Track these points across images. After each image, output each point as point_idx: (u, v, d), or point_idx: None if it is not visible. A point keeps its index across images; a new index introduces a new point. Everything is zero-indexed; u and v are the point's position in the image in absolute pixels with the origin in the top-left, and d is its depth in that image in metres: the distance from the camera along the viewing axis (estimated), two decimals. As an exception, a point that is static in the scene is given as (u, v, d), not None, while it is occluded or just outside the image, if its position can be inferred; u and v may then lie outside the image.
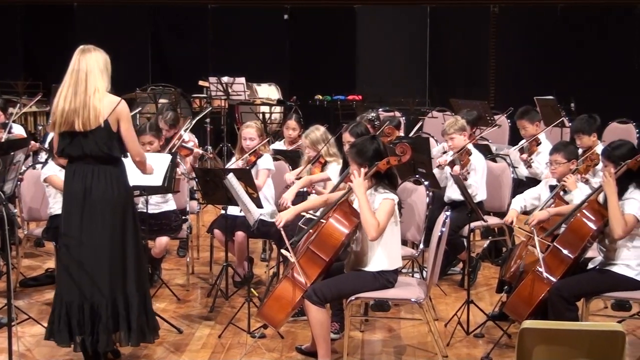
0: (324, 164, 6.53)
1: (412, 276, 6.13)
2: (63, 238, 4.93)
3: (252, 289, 5.89)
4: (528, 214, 5.58)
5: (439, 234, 5.04)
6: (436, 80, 13.39)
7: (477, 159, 6.85)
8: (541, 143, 7.55)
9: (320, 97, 12.63)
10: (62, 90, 4.82)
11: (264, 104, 12.06)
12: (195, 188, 7.26)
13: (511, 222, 5.59)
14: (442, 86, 13.17)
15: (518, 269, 5.36)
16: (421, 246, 5.94)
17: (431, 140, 8.01)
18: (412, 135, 8.68)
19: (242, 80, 11.45)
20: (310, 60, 13.38)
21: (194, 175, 6.59)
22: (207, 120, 11.24)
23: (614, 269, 5.09)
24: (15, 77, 11.76)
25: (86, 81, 4.77)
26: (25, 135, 8.05)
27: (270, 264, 6.95)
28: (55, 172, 6.24)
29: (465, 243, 6.46)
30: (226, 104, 11.74)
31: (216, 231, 6.55)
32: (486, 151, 7.63)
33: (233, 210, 6.06)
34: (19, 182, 6.63)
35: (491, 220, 6.90)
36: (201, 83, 12.32)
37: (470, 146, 6.88)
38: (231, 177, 5.46)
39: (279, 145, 7.87)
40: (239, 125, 10.87)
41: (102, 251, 4.84)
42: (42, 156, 7.83)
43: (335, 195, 5.26)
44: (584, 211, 5.10)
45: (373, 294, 5.10)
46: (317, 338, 5.01)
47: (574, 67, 12.62)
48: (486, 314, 5.81)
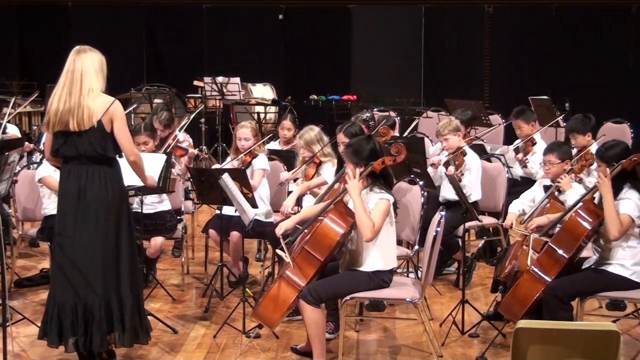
0: (319, 164, 6.53)
1: (407, 276, 6.14)
2: (57, 238, 4.92)
3: (247, 289, 5.88)
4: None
5: (434, 234, 5.04)
6: (431, 80, 13.39)
7: (472, 159, 6.85)
8: (536, 143, 7.56)
9: (315, 97, 12.61)
10: (57, 90, 4.82)
11: (259, 104, 12.04)
12: (190, 188, 7.26)
13: (510, 226, 5.60)
14: (437, 86, 13.17)
15: (513, 269, 5.36)
16: (416, 246, 5.94)
17: (426, 140, 8.01)
18: (407, 135, 8.68)
19: (237, 80, 11.43)
20: (305, 60, 13.37)
21: (189, 175, 6.59)
22: (202, 120, 11.24)
23: (609, 269, 5.09)
24: (10, 77, 11.73)
25: (81, 81, 4.77)
26: (19, 135, 8.04)
27: (265, 264, 6.95)
28: (50, 173, 6.23)
29: (460, 243, 6.46)
30: (221, 104, 11.71)
31: (211, 231, 6.54)
32: (481, 151, 7.63)
33: (228, 210, 6.05)
34: (14, 183, 6.61)
35: (486, 220, 6.90)
36: (196, 83, 12.29)
37: (465, 146, 6.89)
38: (226, 177, 5.45)
39: (274, 145, 7.87)
40: (234, 125, 10.85)
41: (96, 251, 4.84)
42: (37, 156, 7.81)
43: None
44: (579, 211, 5.10)
45: (368, 294, 5.10)
46: (312, 338, 5.01)
47: (569, 67, 12.61)
48: (481, 314, 5.81)
